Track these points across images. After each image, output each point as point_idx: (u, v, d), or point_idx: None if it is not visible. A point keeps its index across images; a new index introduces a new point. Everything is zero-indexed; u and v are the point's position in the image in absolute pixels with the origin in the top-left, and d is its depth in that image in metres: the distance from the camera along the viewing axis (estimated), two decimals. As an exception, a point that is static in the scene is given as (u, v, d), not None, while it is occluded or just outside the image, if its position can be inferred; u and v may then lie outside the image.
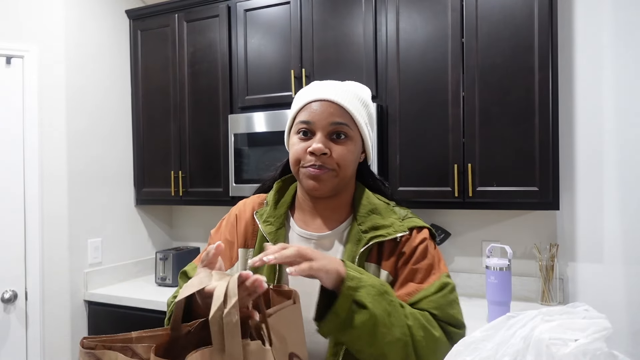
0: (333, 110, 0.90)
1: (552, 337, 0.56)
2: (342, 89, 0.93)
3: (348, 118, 0.91)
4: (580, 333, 0.56)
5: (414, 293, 0.89)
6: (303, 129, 0.92)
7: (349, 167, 0.93)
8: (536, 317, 0.61)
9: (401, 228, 0.93)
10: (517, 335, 0.60)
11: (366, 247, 0.91)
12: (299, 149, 0.91)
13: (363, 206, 0.96)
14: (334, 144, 0.90)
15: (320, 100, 0.91)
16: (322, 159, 0.89)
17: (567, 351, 0.54)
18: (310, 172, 0.90)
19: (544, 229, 2.16)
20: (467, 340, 0.66)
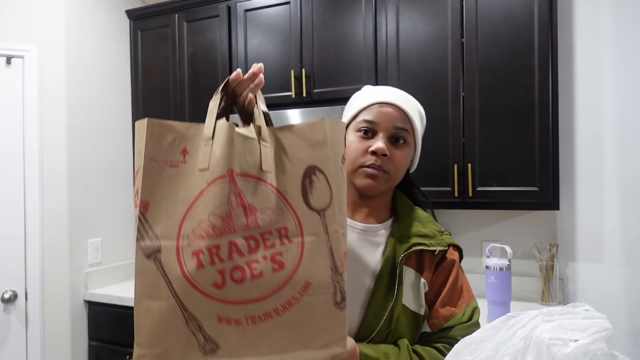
0: (398, 115, 0.94)
1: (553, 337, 0.56)
2: (405, 97, 0.97)
3: (409, 125, 0.95)
4: (580, 333, 0.56)
5: (450, 318, 0.94)
6: (365, 127, 0.94)
7: (401, 172, 0.97)
8: (536, 317, 0.61)
9: (442, 242, 0.96)
10: (517, 335, 0.60)
11: (409, 252, 0.93)
12: (360, 148, 0.93)
13: (406, 212, 1.00)
14: (393, 148, 0.94)
15: (387, 103, 0.94)
16: (381, 160, 0.92)
17: (567, 351, 0.54)
18: (368, 171, 0.92)
19: (544, 229, 2.16)
20: (467, 340, 0.66)
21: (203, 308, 0.64)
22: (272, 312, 0.66)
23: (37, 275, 2.25)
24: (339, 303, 0.68)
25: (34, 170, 2.25)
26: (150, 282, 0.65)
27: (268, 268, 0.65)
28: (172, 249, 0.65)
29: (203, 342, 0.65)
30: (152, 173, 0.67)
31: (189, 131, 0.70)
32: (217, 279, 0.64)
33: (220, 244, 0.65)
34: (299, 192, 0.69)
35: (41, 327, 2.27)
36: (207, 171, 0.67)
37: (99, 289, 2.48)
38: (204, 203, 0.66)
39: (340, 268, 0.68)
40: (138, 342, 0.66)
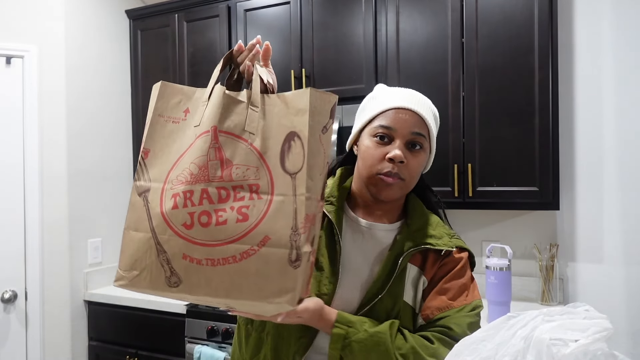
0: (415, 120, 0.93)
1: (553, 337, 0.56)
2: (421, 101, 0.96)
3: (426, 130, 0.95)
4: (580, 333, 0.56)
5: (444, 309, 0.92)
6: (382, 133, 0.93)
7: (417, 178, 0.97)
8: (537, 317, 0.61)
9: (450, 244, 0.96)
10: (517, 335, 0.60)
11: (414, 250, 0.93)
12: (377, 154, 0.93)
13: (417, 215, 1.00)
14: (410, 154, 0.93)
15: (404, 108, 0.93)
16: (398, 167, 0.91)
17: (567, 351, 0.54)
18: (385, 180, 0.92)
19: (544, 229, 2.16)
20: (467, 340, 0.66)
21: (172, 244, 0.72)
22: (230, 258, 0.71)
23: (37, 275, 2.25)
24: (293, 261, 0.71)
25: (34, 171, 2.25)
26: (137, 215, 0.75)
27: (233, 217, 0.71)
28: (158, 190, 0.75)
29: (169, 274, 0.72)
30: (157, 126, 0.79)
31: (194, 94, 0.82)
32: (187, 220, 0.71)
33: (194, 190, 0.72)
34: (277, 155, 0.74)
35: (41, 327, 2.27)
36: (198, 127, 0.76)
37: (99, 289, 2.48)
38: (189, 154, 0.75)
39: (300, 229, 0.72)
40: (120, 265, 0.76)
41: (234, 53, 0.88)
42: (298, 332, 0.91)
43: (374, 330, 0.87)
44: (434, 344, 0.87)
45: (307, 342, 0.92)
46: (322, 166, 0.78)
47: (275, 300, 0.71)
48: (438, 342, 0.88)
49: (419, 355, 0.85)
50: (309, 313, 0.84)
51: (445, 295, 0.93)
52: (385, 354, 0.85)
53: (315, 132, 0.76)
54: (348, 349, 0.86)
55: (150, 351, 2.28)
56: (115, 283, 0.76)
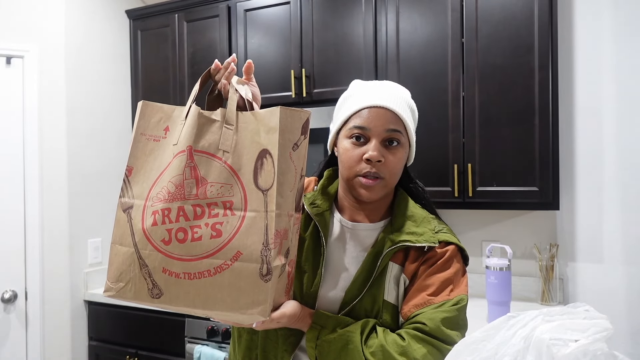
0: (388, 117, 0.92)
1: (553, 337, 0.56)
2: (395, 95, 0.95)
3: (401, 125, 0.94)
4: (580, 333, 0.56)
5: (422, 305, 0.89)
6: (357, 134, 0.93)
7: (398, 175, 0.96)
8: (537, 317, 0.61)
9: (431, 239, 0.94)
10: (517, 335, 0.60)
11: (392, 248, 0.92)
12: (354, 156, 0.93)
13: (401, 212, 0.99)
14: (387, 152, 0.92)
15: (377, 107, 0.93)
16: (376, 166, 0.91)
17: (567, 351, 0.54)
18: (363, 182, 0.92)
19: (544, 229, 2.16)
20: (467, 340, 0.66)
21: (153, 259, 0.77)
22: (206, 272, 0.76)
23: (37, 275, 2.25)
24: (264, 275, 0.76)
25: (34, 170, 2.25)
26: (121, 231, 0.82)
27: (207, 234, 0.76)
28: (140, 207, 0.80)
29: (151, 287, 0.78)
30: (140, 144, 0.84)
31: (173, 112, 0.87)
32: (165, 236, 0.77)
33: (171, 208, 0.77)
34: (251, 172, 0.78)
35: (41, 327, 2.27)
36: (176, 146, 0.81)
37: (99, 289, 2.48)
38: (168, 172, 0.79)
39: (271, 244, 0.76)
40: (108, 277, 0.82)
41: (212, 71, 0.92)
42: (286, 331, 0.93)
43: (343, 330, 0.87)
44: (405, 340, 0.85)
45: (295, 340, 0.93)
46: (292, 182, 0.82)
47: (248, 311, 0.76)
48: (410, 338, 0.85)
49: (387, 353, 0.84)
50: (287, 317, 0.86)
51: (426, 291, 0.90)
52: (355, 352, 0.85)
53: (285, 150, 0.79)
54: (319, 348, 0.87)
55: (150, 351, 2.28)
56: (105, 293, 0.82)
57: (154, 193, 0.79)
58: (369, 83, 0.99)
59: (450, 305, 0.89)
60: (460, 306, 0.91)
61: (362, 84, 1.00)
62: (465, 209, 2.12)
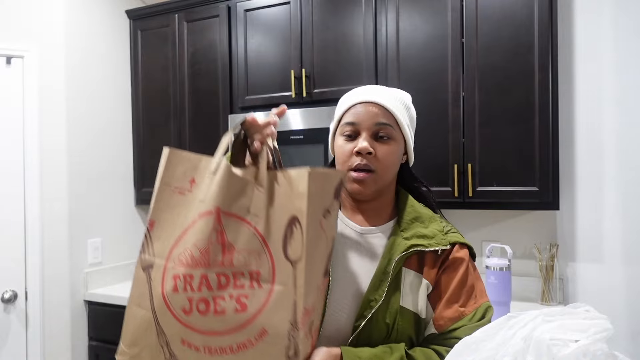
0: (377, 111, 0.93)
1: (553, 337, 0.56)
2: (385, 92, 0.96)
3: (391, 119, 0.94)
4: (581, 334, 0.56)
5: (458, 318, 0.90)
6: (348, 131, 0.94)
7: (391, 168, 0.95)
8: (537, 317, 0.61)
9: (443, 241, 0.93)
10: (517, 335, 0.60)
11: (405, 253, 0.91)
12: (346, 151, 0.94)
13: (407, 213, 0.97)
14: (378, 144, 0.93)
15: (365, 102, 0.94)
16: (367, 158, 0.92)
17: (567, 352, 0.54)
18: (354, 176, 0.93)
19: (544, 229, 2.16)
20: (467, 340, 0.66)
21: (171, 328, 0.70)
22: (227, 349, 0.70)
23: (37, 275, 2.25)
24: (290, 357, 0.70)
25: (34, 170, 2.25)
26: (140, 291, 0.73)
27: (231, 307, 0.69)
28: (161, 267, 0.72)
29: (168, 356, 0.71)
30: (164, 196, 0.76)
31: (200, 163, 0.78)
32: (186, 305, 0.69)
33: (194, 275, 0.70)
34: (280, 240, 0.72)
35: (41, 327, 2.27)
36: (202, 203, 0.73)
37: (99, 289, 2.48)
38: (192, 233, 0.72)
39: (299, 324, 0.70)
40: (122, 339, 0.75)
41: (247, 124, 0.83)
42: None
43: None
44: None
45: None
46: (323, 252, 0.77)
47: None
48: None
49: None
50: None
51: (458, 303, 0.91)
52: None
53: (315, 219, 0.74)
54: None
55: (150, 351, 2.28)
56: (118, 357, 0.76)
57: (176, 253, 0.72)
58: (365, 86, 1.01)
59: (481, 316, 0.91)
60: (490, 316, 0.93)
61: (360, 87, 1.01)
62: (465, 209, 2.12)
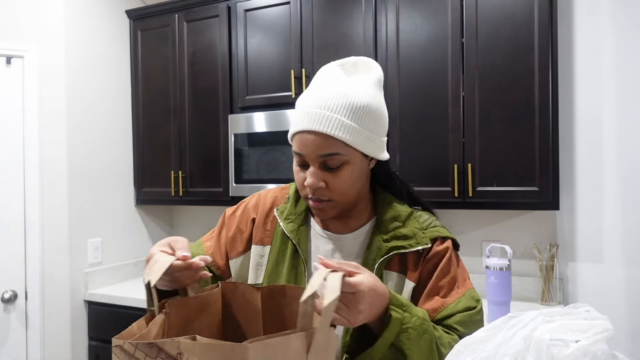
0: (319, 142, 0.83)
1: (553, 337, 0.56)
2: (331, 110, 0.83)
3: (338, 145, 0.84)
4: (581, 334, 0.56)
5: (440, 309, 0.88)
6: (298, 160, 0.89)
7: (349, 190, 0.89)
8: (537, 317, 0.61)
9: (423, 240, 0.91)
10: (517, 335, 0.60)
11: (386, 257, 0.90)
12: (298, 180, 0.90)
13: (386, 212, 0.94)
14: (330, 174, 0.86)
15: (307, 131, 0.84)
16: (318, 192, 0.87)
17: (567, 352, 0.54)
18: (311, 204, 0.90)
19: (544, 229, 2.16)
20: (467, 340, 0.66)
21: None
22: None
23: (37, 275, 2.25)
24: None
25: (34, 171, 2.25)
26: None
27: None
28: None
29: None
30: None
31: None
32: None
33: None
34: None
35: (41, 327, 2.27)
36: None
37: (99, 289, 2.48)
38: None
39: None
40: None
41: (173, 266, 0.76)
42: None
43: (423, 317, 0.81)
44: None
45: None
46: None
47: None
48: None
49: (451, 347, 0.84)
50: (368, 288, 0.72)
51: (439, 294, 0.89)
52: (430, 343, 0.79)
53: None
54: (404, 335, 0.77)
55: (150, 351, 2.28)
56: None
57: None
58: (315, 89, 0.88)
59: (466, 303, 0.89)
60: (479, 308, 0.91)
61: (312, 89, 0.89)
62: (465, 209, 2.12)
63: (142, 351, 0.58)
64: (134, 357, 0.59)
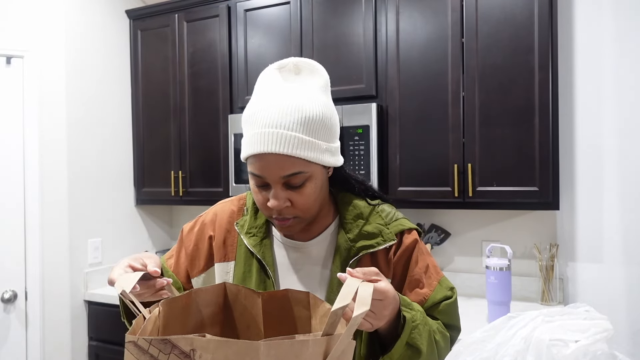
0: (280, 163, 0.81)
1: (553, 337, 0.56)
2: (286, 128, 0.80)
3: (299, 163, 0.81)
4: (581, 334, 0.56)
5: (423, 302, 0.91)
6: (256, 182, 0.85)
7: (313, 207, 0.88)
8: (537, 317, 0.61)
9: (389, 236, 0.92)
10: (517, 335, 0.60)
11: (356, 258, 0.90)
12: (260, 200, 0.86)
13: (348, 212, 0.94)
14: (293, 192, 0.84)
15: (265, 154, 0.80)
16: (284, 211, 0.85)
17: (567, 352, 0.54)
18: (277, 223, 0.88)
19: (544, 229, 2.16)
20: (467, 340, 0.66)
21: None
22: None
23: (37, 275, 2.25)
24: None
25: (34, 170, 2.25)
26: None
27: None
28: None
29: None
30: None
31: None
32: None
33: None
34: None
35: (41, 327, 2.27)
36: None
37: (99, 289, 2.48)
38: None
39: None
40: None
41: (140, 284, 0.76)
42: None
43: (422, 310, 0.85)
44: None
45: None
46: None
47: None
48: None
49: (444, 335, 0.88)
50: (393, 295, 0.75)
51: (418, 286, 0.92)
52: (429, 334, 0.83)
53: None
54: (416, 331, 0.80)
55: (150, 351, 2.28)
56: None
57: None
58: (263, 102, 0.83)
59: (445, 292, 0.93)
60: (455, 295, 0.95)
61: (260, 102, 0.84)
62: (465, 209, 2.12)
63: (156, 347, 0.59)
64: (147, 352, 0.59)
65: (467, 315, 1.99)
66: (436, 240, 2.28)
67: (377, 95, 2.14)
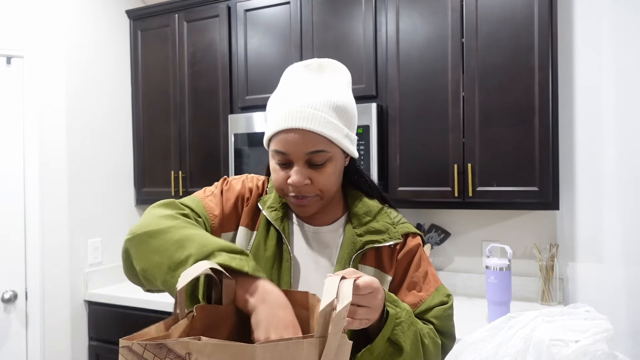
0: (307, 139, 0.85)
1: (553, 338, 0.56)
2: (313, 106, 0.85)
3: (324, 142, 0.86)
4: (581, 334, 0.56)
5: (418, 304, 0.92)
6: (279, 159, 0.89)
7: (333, 188, 0.92)
8: (537, 317, 0.61)
9: (396, 235, 0.94)
10: (517, 335, 0.60)
11: (361, 251, 0.92)
12: (280, 179, 0.90)
13: (357, 208, 0.96)
14: (314, 171, 0.88)
15: (292, 129, 0.85)
16: (304, 189, 0.88)
17: (567, 352, 0.54)
18: (294, 202, 0.90)
19: (544, 229, 2.16)
20: (467, 340, 0.66)
21: None
22: None
23: (37, 275, 2.25)
24: None
25: (34, 170, 2.25)
26: None
27: None
28: None
29: None
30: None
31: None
32: None
33: None
34: None
35: (41, 327, 2.27)
36: None
37: (99, 289, 2.48)
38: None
39: None
40: None
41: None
42: None
43: (409, 310, 0.85)
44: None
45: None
46: None
47: None
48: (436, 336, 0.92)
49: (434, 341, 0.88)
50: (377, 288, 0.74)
51: (415, 289, 0.94)
52: (416, 334, 0.84)
53: None
54: (399, 328, 0.81)
55: (150, 351, 2.28)
56: None
57: None
58: (291, 89, 0.89)
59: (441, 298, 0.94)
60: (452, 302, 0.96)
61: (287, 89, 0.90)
62: (465, 209, 2.12)
63: (150, 352, 0.58)
64: (142, 357, 0.59)
65: (467, 315, 1.99)
66: (436, 240, 2.28)
67: (377, 95, 2.14)
